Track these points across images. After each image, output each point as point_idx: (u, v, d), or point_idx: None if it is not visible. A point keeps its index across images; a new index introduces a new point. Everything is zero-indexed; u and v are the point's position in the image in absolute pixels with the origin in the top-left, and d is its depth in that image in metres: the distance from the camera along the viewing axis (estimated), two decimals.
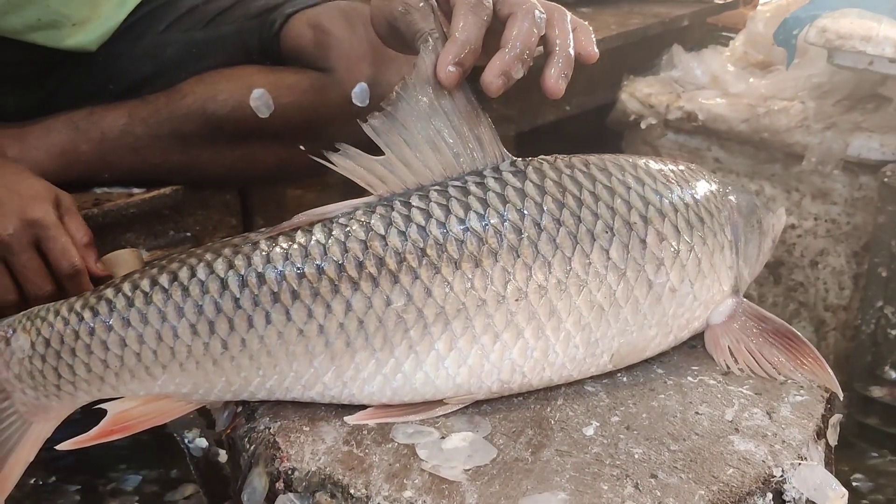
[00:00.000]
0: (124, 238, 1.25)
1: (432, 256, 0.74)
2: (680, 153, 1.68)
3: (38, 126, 1.20)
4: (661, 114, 1.65)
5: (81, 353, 0.75)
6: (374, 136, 0.76)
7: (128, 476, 1.42)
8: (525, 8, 0.79)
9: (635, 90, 1.69)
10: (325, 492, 0.70)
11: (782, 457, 0.71)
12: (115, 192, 1.23)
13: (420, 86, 0.77)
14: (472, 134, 0.79)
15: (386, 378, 0.76)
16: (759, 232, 0.89)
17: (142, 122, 1.20)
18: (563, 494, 0.67)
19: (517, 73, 0.78)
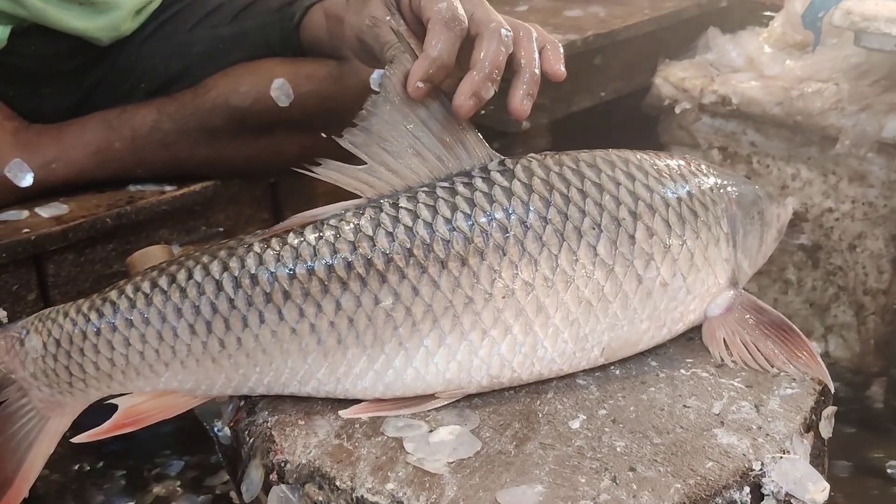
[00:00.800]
0: (158, 234, 1.29)
1: (419, 256, 0.76)
2: (716, 137, 1.66)
3: (73, 126, 1.25)
4: (696, 98, 1.63)
5: (89, 353, 0.79)
6: (353, 149, 0.79)
7: (172, 462, 1.47)
8: (491, 28, 0.80)
9: (669, 74, 1.67)
10: (313, 483, 0.73)
11: (764, 450, 0.72)
12: (148, 189, 1.28)
13: (390, 101, 0.79)
14: (455, 138, 0.81)
15: (378, 374, 0.78)
16: (760, 223, 0.89)
17: (169, 118, 1.24)
18: (540, 487, 0.69)
19: (487, 93, 0.80)
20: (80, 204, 1.24)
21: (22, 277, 1.19)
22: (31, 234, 1.16)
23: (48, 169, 1.22)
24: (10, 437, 0.83)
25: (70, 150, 1.23)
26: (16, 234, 1.16)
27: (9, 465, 0.83)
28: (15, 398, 0.82)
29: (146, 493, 1.41)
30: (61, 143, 1.23)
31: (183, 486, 1.42)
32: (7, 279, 1.18)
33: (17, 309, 1.19)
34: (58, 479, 1.30)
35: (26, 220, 1.20)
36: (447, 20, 0.80)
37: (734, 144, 1.64)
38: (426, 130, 0.80)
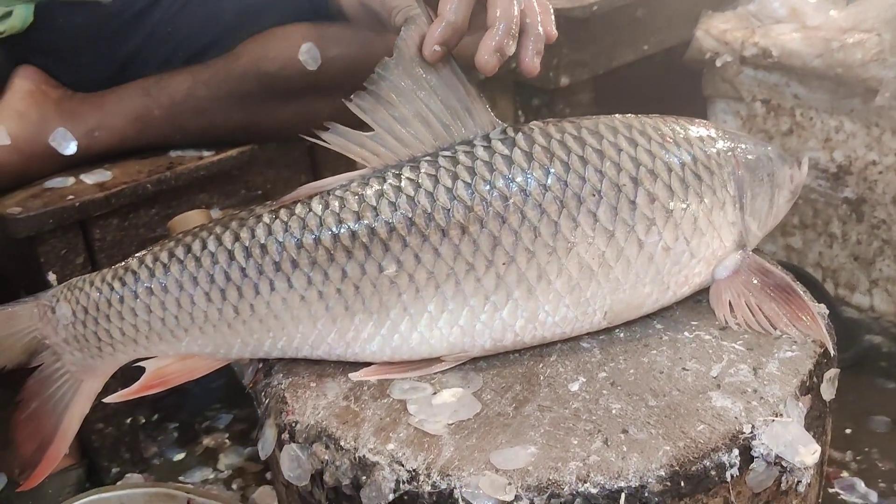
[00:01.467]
0: (198, 198, 1.34)
1: (420, 225, 0.79)
2: (759, 90, 1.64)
3: (114, 94, 1.29)
4: (737, 51, 1.61)
5: (115, 319, 0.84)
6: (361, 113, 0.81)
7: (221, 415, 1.54)
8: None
9: (710, 26, 1.65)
10: (320, 443, 0.76)
11: (756, 413, 0.73)
12: (188, 155, 1.32)
13: (402, 64, 0.81)
14: (461, 105, 0.82)
15: (384, 338, 0.81)
16: (770, 185, 0.89)
17: (203, 85, 1.27)
18: (533, 448, 0.72)
19: (509, 49, 0.82)
20: (122, 170, 1.29)
21: (70, 242, 1.25)
22: (76, 200, 1.22)
23: (91, 137, 1.27)
24: (47, 398, 0.88)
25: (111, 117, 1.28)
26: (61, 201, 1.22)
27: (48, 425, 0.88)
28: (50, 362, 0.87)
29: (196, 444, 1.48)
30: (103, 110, 1.28)
31: (231, 438, 1.49)
32: (55, 244, 1.24)
33: (66, 272, 1.25)
34: (112, 432, 1.36)
35: (71, 186, 1.25)
36: None
37: (777, 97, 1.62)
38: (434, 96, 0.82)
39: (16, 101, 1.23)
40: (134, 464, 1.40)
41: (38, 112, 1.24)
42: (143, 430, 1.50)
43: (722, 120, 1.72)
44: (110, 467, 1.38)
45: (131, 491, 1.15)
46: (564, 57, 1.64)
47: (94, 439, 1.36)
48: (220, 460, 1.44)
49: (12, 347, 0.87)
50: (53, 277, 1.24)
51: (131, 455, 1.40)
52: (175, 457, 1.46)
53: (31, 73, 1.27)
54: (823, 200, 1.62)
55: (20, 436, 0.89)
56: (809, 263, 1.69)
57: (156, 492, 1.15)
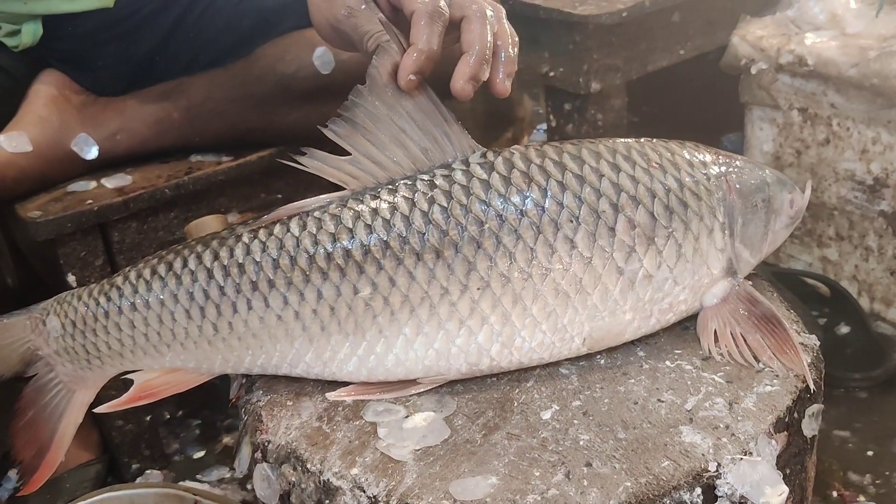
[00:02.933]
0: (217, 202, 1.36)
1: (395, 248, 0.78)
2: (796, 98, 1.59)
3: (134, 99, 1.31)
4: (772, 58, 1.56)
5: (101, 333, 0.85)
6: (337, 139, 0.81)
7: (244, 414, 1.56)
8: (476, 9, 0.81)
9: (747, 32, 1.61)
10: (289, 464, 0.77)
11: (724, 451, 0.71)
12: (207, 160, 1.34)
13: (376, 90, 0.81)
14: (439, 129, 0.82)
15: (360, 359, 0.81)
16: (765, 211, 0.87)
17: (221, 88, 1.29)
18: (494, 479, 0.71)
19: (483, 74, 0.82)
20: (142, 175, 1.31)
21: (89, 245, 1.28)
22: (94, 204, 1.24)
23: (112, 140, 1.29)
24: (42, 407, 0.90)
25: (132, 121, 1.30)
26: (81, 205, 1.24)
27: (45, 432, 0.90)
28: (44, 373, 0.89)
29: (216, 442, 1.51)
30: (124, 115, 1.30)
31: None
32: (75, 246, 1.26)
33: (85, 274, 1.28)
34: (132, 429, 1.39)
35: (92, 190, 1.28)
36: (431, 12, 0.82)
37: (814, 106, 1.58)
38: (411, 122, 0.82)
39: (38, 106, 1.26)
40: (154, 460, 1.43)
41: (60, 117, 1.26)
42: (166, 426, 1.53)
43: (759, 128, 1.68)
44: (130, 463, 1.42)
45: (143, 490, 1.18)
46: (595, 62, 1.61)
47: (115, 435, 1.39)
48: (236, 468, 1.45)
49: (9, 357, 0.89)
50: (73, 279, 1.27)
51: (151, 451, 1.43)
52: (195, 454, 1.48)
53: (54, 78, 1.29)
54: (860, 213, 1.58)
55: (19, 442, 0.91)
56: (845, 276, 1.65)
57: (165, 492, 1.17)
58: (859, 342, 1.54)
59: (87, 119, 1.28)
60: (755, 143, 1.70)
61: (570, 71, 1.63)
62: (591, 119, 1.68)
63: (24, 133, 1.22)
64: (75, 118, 1.28)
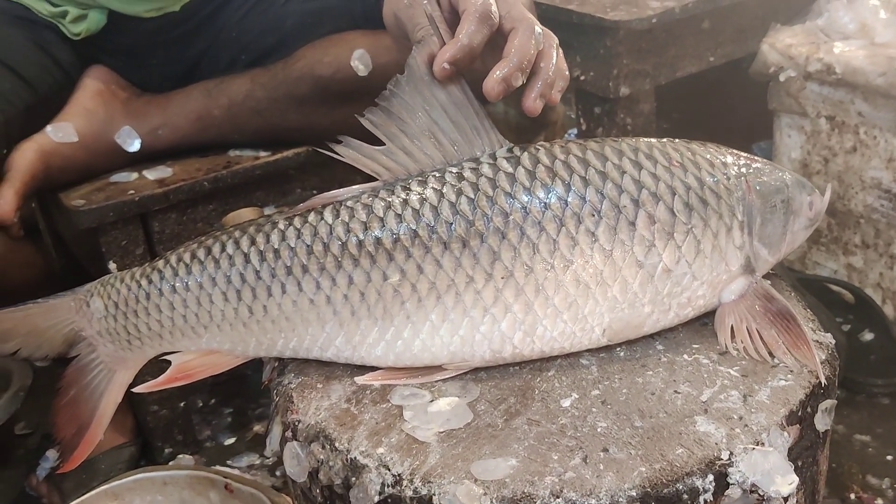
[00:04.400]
0: (255, 196, 1.39)
1: (423, 237, 0.81)
2: (824, 106, 1.60)
3: (178, 95, 1.35)
4: (801, 66, 1.58)
5: (142, 315, 0.89)
6: (373, 128, 0.84)
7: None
8: (526, 24, 0.85)
9: (776, 40, 1.62)
10: (318, 443, 0.79)
11: (737, 441, 0.73)
12: (245, 154, 1.37)
13: (413, 82, 0.84)
14: (470, 124, 0.84)
15: (388, 344, 0.84)
16: (784, 212, 0.88)
17: (262, 87, 1.32)
18: (514, 461, 0.73)
19: (516, 81, 0.84)
20: (183, 167, 1.35)
21: (130, 234, 1.32)
22: (136, 195, 1.28)
23: (154, 135, 1.33)
24: (84, 386, 0.93)
25: (174, 117, 1.34)
26: (123, 195, 1.28)
27: (85, 411, 0.94)
28: (86, 353, 0.93)
29: (247, 430, 1.54)
30: (167, 111, 1.34)
31: None
32: (117, 235, 1.30)
33: (126, 262, 1.32)
34: (166, 414, 1.43)
35: (134, 181, 1.32)
36: (481, 14, 0.85)
37: (842, 114, 1.59)
38: (444, 115, 0.85)
39: (85, 98, 1.30)
40: (186, 445, 1.47)
41: (106, 110, 1.30)
42: (199, 413, 1.57)
43: (787, 135, 1.69)
44: (163, 447, 1.45)
45: (175, 472, 1.21)
46: (625, 67, 1.63)
47: (149, 420, 1.43)
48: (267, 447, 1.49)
49: (54, 338, 0.93)
50: (114, 266, 1.31)
51: (184, 437, 1.47)
52: (226, 441, 1.52)
53: (102, 73, 1.34)
54: (885, 221, 1.58)
55: (60, 420, 0.94)
56: (870, 284, 1.65)
57: (197, 475, 1.20)
58: (883, 349, 1.55)
59: (131, 113, 1.33)
60: (783, 150, 1.71)
61: (600, 75, 1.65)
62: (620, 123, 1.70)
63: (71, 124, 1.26)
64: (120, 112, 1.32)
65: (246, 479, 1.22)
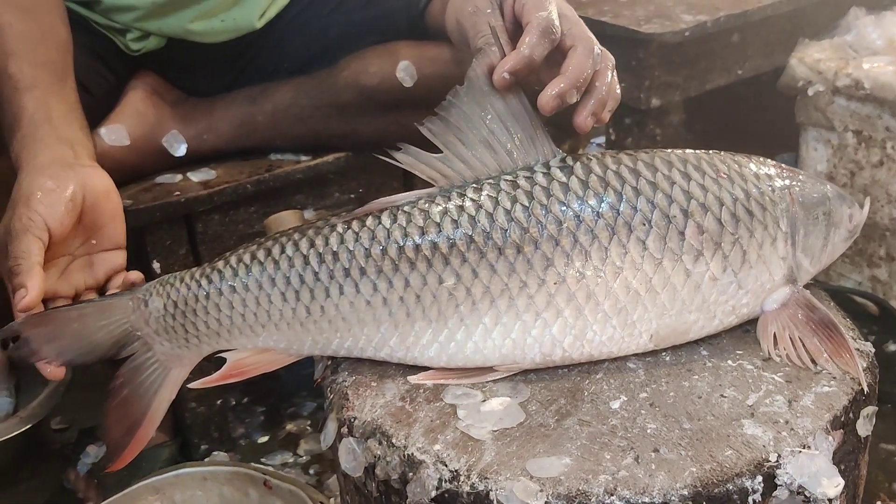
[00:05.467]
0: (295, 199, 1.42)
1: (479, 243, 0.84)
2: (851, 121, 1.63)
3: (222, 101, 1.38)
4: (829, 80, 1.60)
5: (201, 313, 0.92)
6: (431, 137, 0.87)
7: (306, 403, 1.62)
8: (585, 44, 0.88)
9: (805, 55, 1.65)
10: (375, 439, 0.82)
11: (784, 444, 0.76)
12: (287, 158, 1.40)
13: (472, 92, 0.87)
14: (525, 134, 0.87)
15: (441, 345, 0.86)
16: (825, 224, 0.91)
17: (306, 95, 1.35)
18: (568, 459, 0.76)
19: (571, 97, 0.87)
20: (226, 170, 1.38)
21: (174, 234, 1.35)
22: (182, 196, 1.31)
23: (200, 139, 1.36)
24: (138, 385, 0.96)
25: (219, 122, 1.37)
26: (169, 196, 1.31)
27: (138, 409, 0.96)
28: (141, 352, 0.95)
29: (280, 429, 1.57)
30: (212, 116, 1.37)
31: (313, 425, 1.57)
32: (161, 235, 1.33)
33: (169, 262, 1.35)
34: (204, 411, 1.46)
35: (179, 183, 1.35)
36: (544, 27, 0.88)
37: (869, 128, 1.61)
38: (500, 124, 0.87)
39: (136, 101, 1.33)
40: (221, 442, 1.50)
41: (156, 114, 1.33)
42: (232, 412, 1.60)
43: (813, 148, 1.72)
44: (200, 444, 1.48)
45: (215, 468, 1.24)
46: (656, 79, 1.66)
47: (188, 417, 1.46)
48: (300, 446, 1.52)
49: (107, 338, 0.95)
50: (158, 266, 1.34)
51: (219, 434, 1.50)
52: (259, 439, 1.55)
53: (150, 78, 1.37)
54: None
55: (111, 420, 0.96)
56: (894, 295, 1.68)
57: (236, 471, 1.23)
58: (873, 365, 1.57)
59: (178, 117, 1.36)
60: (809, 163, 1.73)
61: (631, 86, 1.67)
62: (649, 134, 1.72)
63: (124, 126, 1.29)
64: (168, 115, 1.35)
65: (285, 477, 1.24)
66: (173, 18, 1.30)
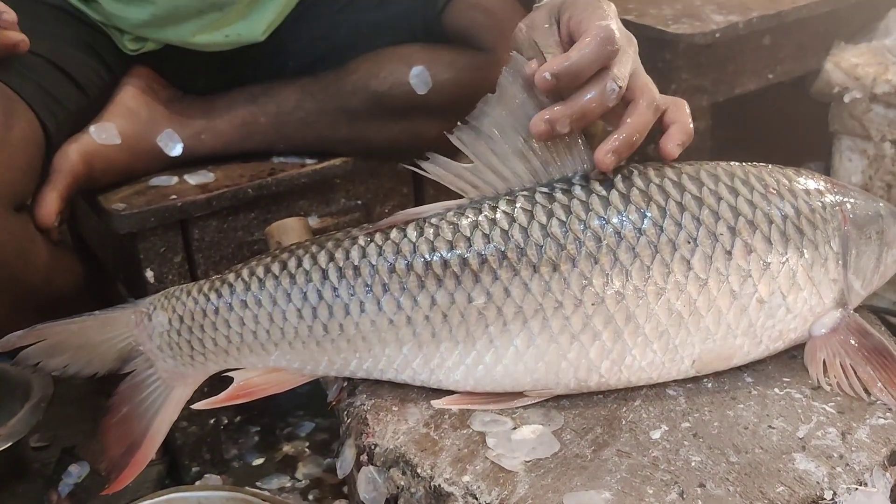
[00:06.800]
0: (297, 205, 1.41)
1: (512, 259, 0.84)
2: (889, 130, 1.63)
3: (222, 99, 1.37)
4: (867, 87, 1.61)
5: (209, 329, 0.91)
6: (462, 146, 0.87)
7: (303, 423, 1.62)
8: (648, 97, 0.89)
9: (841, 60, 1.65)
10: (398, 468, 0.82)
11: (839, 480, 0.76)
12: (290, 162, 1.40)
13: (505, 100, 0.86)
14: (562, 144, 0.87)
15: (469, 368, 0.86)
16: (878, 244, 0.91)
17: (312, 97, 1.35)
18: (608, 494, 0.76)
19: (626, 153, 0.87)
20: (225, 173, 1.37)
21: (169, 240, 1.34)
22: (178, 200, 1.30)
23: (197, 139, 1.35)
24: (138, 403, 0.95)
25: (218, 122, 1.36)
26: (164, 200, 1.30)
27: (137, 429, 0.95)
28: (143, 368, 0.95)
29: (276, 450, 1.56)
30: (210, 115, 1.36)
31: (311, 447, 1.56)
32: (155, 241, 1.33)
33: (163, 270, 1.34)
34: (195, 431, 1.45)
35: (175, 186, 1.34)
36: (601, 38, 0.86)
37: None
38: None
39: (128, 98, 1.32)
40: (213, 464, 1.49)
41: (149, 111, 1.33)
42: (224, 432, 1.59)
43: (847, 158, 1.72)
44: (190, 466, 1.47)
45: (210, 493, 1.23)
46: (683, 83, 1.66)
47: (178, 437, 1.45)
48: (298, 469, 1.51)
49: (107, 353, 0.94)
50: (151, 274, 1.33)
51: (212, 456, 1.49)
52: (254, 461, 1.54)
53: (143, 72, 1.36)
54: None
55: (109, 439, 0.96)
56: None
57: (233, 496, 1.22)
58: None
59: (173, 115, 1.35)
60: (843, 173, 1.74)
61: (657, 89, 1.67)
62: None
63: (114, 125, 1.28)
64: (162, 113, 1.34)
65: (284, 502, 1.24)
66: (173, 30, 1.30)
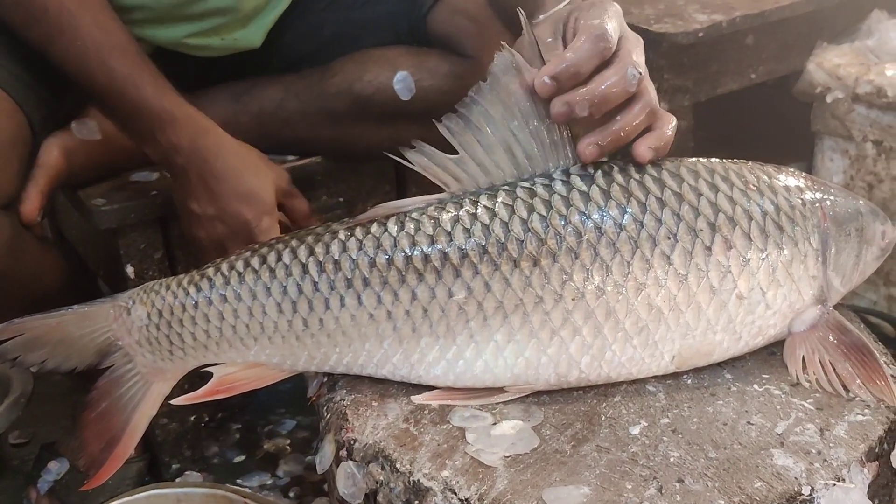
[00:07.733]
0: None
1: (492, 254, 0.84)
2: (871, 130, 1.64)
3: (203, 97, 1.36)
4: (849, 87, 1.61)
5: (188, 324, 0.91)
6: (449, 136, 0.87)
7: (284, 420, 1.61)
8: (645, 99, 0.87)
9: (824, 60, 1.66)
10: (377, 464, 0.82)
11: (817, 476, 0.76)
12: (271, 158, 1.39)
13: (496, 90, 0.86)
14: (549, 138, 0.87)
15: (449, 363, 0.86)
16: (857, 241, 0.91)
17: (295, 98, 1.34)
18: (586, 489, 0.76)
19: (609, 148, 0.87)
20: None
21: (149, 237, 1.33)
22: (159, 196, 1.30)
23: None
24: (117, 398, 0.95)
25: None
26: (144, 196, 1.30)
27: (116, 424, 0.95)
28: (121, 363, 0.94)
29: (257, 448, 1.56)
30: None
31: (292, 445, 1.56)
32: (136, 237, 1.32)
33: (143, 266, 1.34)
34: (176, 427, 1.45)
35: (156, 181, 1.33)
36: (595, 36, 0.86)
37: (890, 139, 1.62)
38: (524, 127, 0.87)
39: None
40: (194, 461, 1.48)
41: None
42: (205, 429, 1.58)
43: (829, 158, 1.73)
44: (171, 463, 1.47)
45: (190, 490, 1.22)
46: (665, 82, 1.67)
47: (158, 434, 1.45)
48: (279, 466, 1.50)
49: (86, 347, 0.94)
50: (131, 270, 1.33)
51: (192, 453, 1.48)
52: (235, 459, 1.53)
53: None
54: None
55: (88, 434, 0.95)
56: None
57: (213, 493, 1.22)
58: None
59: None
60: (824, 173, 1.74)
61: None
62: None
63: (94, 120, 1.27)
64: None
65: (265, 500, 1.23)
66: (164, 30, 1.29)
